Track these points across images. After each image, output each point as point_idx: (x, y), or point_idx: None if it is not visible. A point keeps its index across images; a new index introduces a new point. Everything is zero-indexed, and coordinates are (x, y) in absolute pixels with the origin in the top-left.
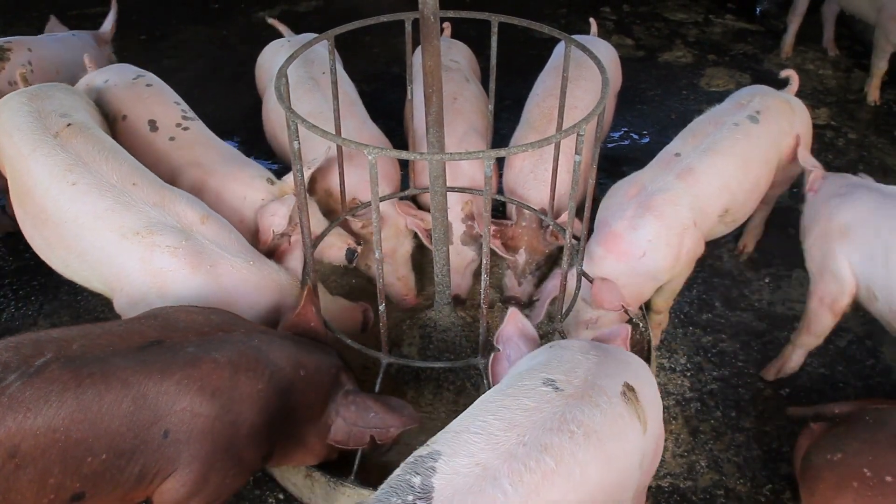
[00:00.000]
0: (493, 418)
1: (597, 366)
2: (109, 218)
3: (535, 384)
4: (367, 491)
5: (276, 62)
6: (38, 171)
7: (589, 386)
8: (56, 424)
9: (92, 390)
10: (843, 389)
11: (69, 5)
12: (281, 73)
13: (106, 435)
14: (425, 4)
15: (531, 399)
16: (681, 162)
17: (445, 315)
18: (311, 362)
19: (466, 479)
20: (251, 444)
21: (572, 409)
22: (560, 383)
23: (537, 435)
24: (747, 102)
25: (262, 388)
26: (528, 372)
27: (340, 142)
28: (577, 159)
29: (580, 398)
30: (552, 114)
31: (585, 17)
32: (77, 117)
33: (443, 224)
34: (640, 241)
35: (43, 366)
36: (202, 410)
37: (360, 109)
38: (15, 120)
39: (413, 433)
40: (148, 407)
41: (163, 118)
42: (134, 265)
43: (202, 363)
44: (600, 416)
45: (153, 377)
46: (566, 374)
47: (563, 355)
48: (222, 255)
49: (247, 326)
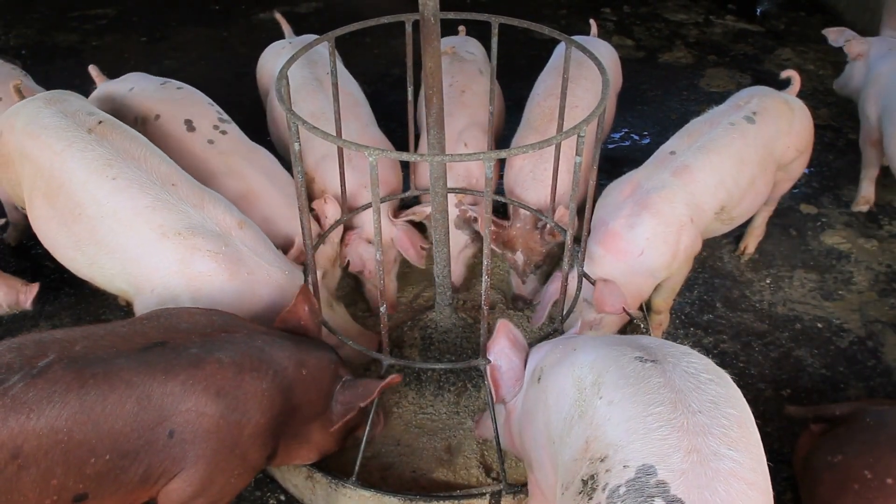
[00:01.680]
0: (646, 409)
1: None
2: (150, 216)
3: (636, 367)
4: (367, 492)
5: (277, 64)
6: (74, 166)
7: (660, 350)
8: (59, 425)
9: (95, 391)
10: (844, 390)
11: (70, 7)
12: (282, 75)
13: (109, 436)
14: (426, 6)
15: (652, 377)
16: (676, 160)
17: (446, 316)
18: (312, 360)
19: (695, 470)
20: (256, 443)
21: (676, 367)
22: (646, 356)
23: (692, 398)
24: (745, 103)
25: (267, 388)
26: (616, 359)
27: (340, 143)
28: (577, 160)
29: (665, 361)
30: (553, 114)
31: (586, 18)
32: (105, 116)
33: (443, 225)
34: (638, 238)
35: (46, 367)
36: (207, 410)
37: (365, 112)
38: (40, 121)
39: (415, 434)
40: (152, 407)
41: (200, 119)
42: (171, 266)
43: (206, 363)
44: (696, 359)
45: (157, 378)
46: (640, 349)
47: (608, 353)
48: (259, 264)
49: (248, 327)
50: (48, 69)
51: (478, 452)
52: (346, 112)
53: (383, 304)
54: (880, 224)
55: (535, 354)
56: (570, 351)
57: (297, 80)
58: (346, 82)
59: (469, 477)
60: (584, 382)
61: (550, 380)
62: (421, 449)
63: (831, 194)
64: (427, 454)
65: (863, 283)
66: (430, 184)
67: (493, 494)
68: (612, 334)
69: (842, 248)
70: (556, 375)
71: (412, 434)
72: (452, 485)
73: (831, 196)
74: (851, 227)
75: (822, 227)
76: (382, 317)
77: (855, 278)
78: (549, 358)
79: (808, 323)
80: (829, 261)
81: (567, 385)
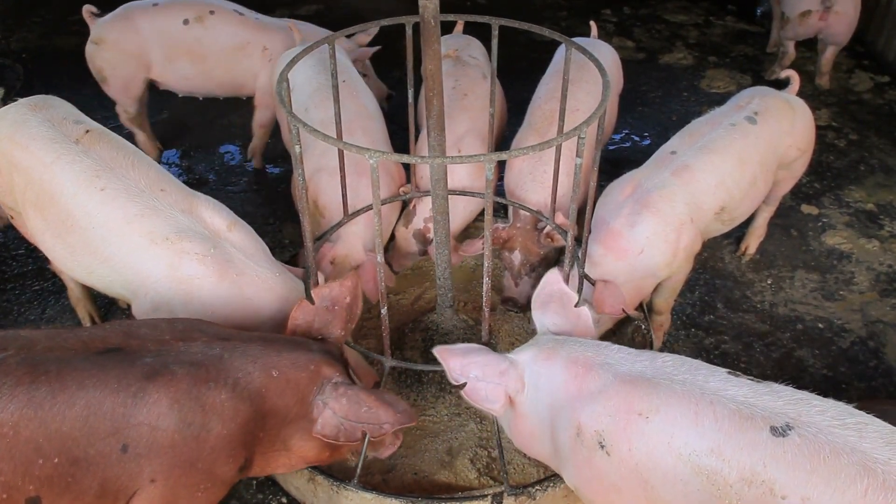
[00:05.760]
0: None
1: None
2: (139, 223)
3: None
4: (369, 494)
5: (293, 70)
6: (63, 178)
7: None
8: (4, 419)
9: (45, 388)
10: (846, 391)
11: (70, 11)
12: (282, 78)
13: (57, 437)
14: (426, 8)
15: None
16: (676, 159)
17: (447, 318)
18: (284, 361)
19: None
20: (221, 455)
21: (820, 428)
22: (776, 423)
23: (875, 456)
24: (746, 104)
25: (227, 397)
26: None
27: (341, 145)
28: (577, 162)
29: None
30: (554, 116)
31: (586, 20)
32: (92, 124)
33: (444, 227)
34: (639, 237)
35: (1, 360)
36: (161, 424)
37: (377, 127)
38: (27, 130)
39: (416, 436)
40: (103, 414)
41: None
42: (162, 270)
43: (159, 375)
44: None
45: (109, 384)
46: (757, 415)
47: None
48: (249, 265)
49: (211, 334)
50: (49, 73)
51: (479, 454)
52: (355, 124)
53: (384, 307)
54: (881, 224)
55: (527, 356)
56: (641, 418)
57: (313, 86)
58: (360, 94)
59: (470, 479)
60: (718, 476)
61: (632, 454)
62: (422, 451)
63: (832, 195)
64: (428, 456)
65: (864, 284)
66: (430, 186)
67: (495, 496)
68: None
69: (843, 249)
70: (646, 448)
71: (413, 436)
72: (454, 487)
73: (832, 196)
74: (852, 227)
75: (823, 227)
76: (383, 318)
77: (856, 279)
78: (595, 410)
79: (809, 323)
80: (831, 261)
81: (679, 469)
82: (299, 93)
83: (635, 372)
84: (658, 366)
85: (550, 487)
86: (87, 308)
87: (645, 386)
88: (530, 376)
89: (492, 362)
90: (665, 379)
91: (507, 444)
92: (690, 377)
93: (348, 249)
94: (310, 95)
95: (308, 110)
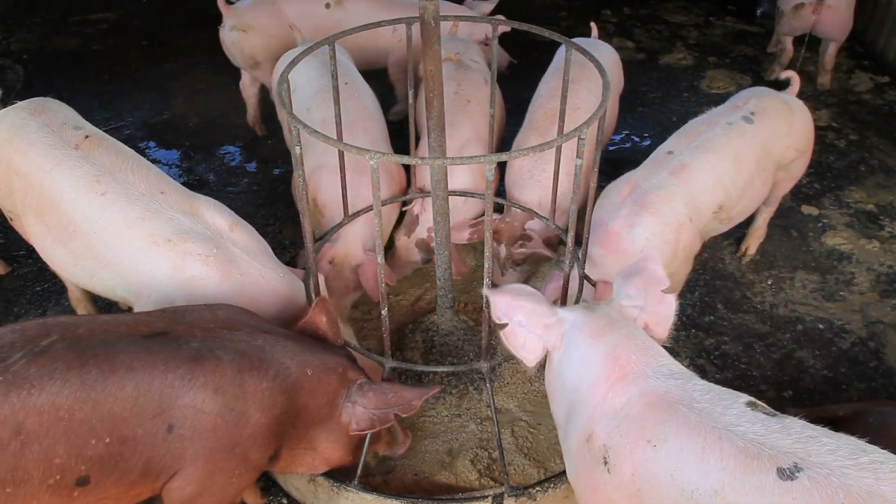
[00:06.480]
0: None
1: None
2: (141, 226)
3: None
4: (369, 495)
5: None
6: (64, 184)
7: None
8: (60, 402)
9: (96, 371)
10: (846, 391)
11: (71, 11)
12: (282, 79)
13: (109, 417)
14: (426, 9)
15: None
16: (673, 159)
17: (448, 319)
18: (318, 361)
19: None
20: (256, 443)
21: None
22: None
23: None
24: (743, 104)
25: (267, 387)
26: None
27: (342, 146)
28: (578, 162)
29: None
30: (555, 116)
31: (586, 20)
32: (91, 128)
33: (444, 228)
34: (638, 238)
35: (48, 346)
36: (205, 407)
37: (377, 128)
38: (27, 136)
39: (417, 437)
40: (152, 396)
41: None
42: (165, 272)
43: (205, 360)
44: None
45: (157, 366)
46: (764, 455)
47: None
48: (252, 265)
49: (252, 325)
50: (49, 74)
51: (480, 455)
52: (356, 124)
53: (384, 308)
54: (881, 225)
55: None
56: (649, 445)
57: (315, 87)
58: (363, 94)
59: (471, 480)
60: None
61: (634, 479)
62: (423, 452)
63: (832, 195)
64: (429, 457)
65: (864, 284)
66: (430, 186)
67: (496, 497)
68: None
69: (843, 249)
70: (649, 476)
71: (414, 437)
72: (454, 488)
73: (832, 197)
74: (853, 228)
75: (823, 228)
76: (384, 319)
77: (856, 279)
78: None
79: (809, 324)
80: (831, 262)
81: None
82: (301, 94)
83: (662, 390)
84: (687, 388)
85: (551, 488)
86: (87, 309)
87: (662, 411)
88: (569, 341)
89: (539, 311)
90: (685, 405)
91: (507, 445)
92: (709, 407)
93: (348, 249)
94: (312, 97)
95: (310, 111)
